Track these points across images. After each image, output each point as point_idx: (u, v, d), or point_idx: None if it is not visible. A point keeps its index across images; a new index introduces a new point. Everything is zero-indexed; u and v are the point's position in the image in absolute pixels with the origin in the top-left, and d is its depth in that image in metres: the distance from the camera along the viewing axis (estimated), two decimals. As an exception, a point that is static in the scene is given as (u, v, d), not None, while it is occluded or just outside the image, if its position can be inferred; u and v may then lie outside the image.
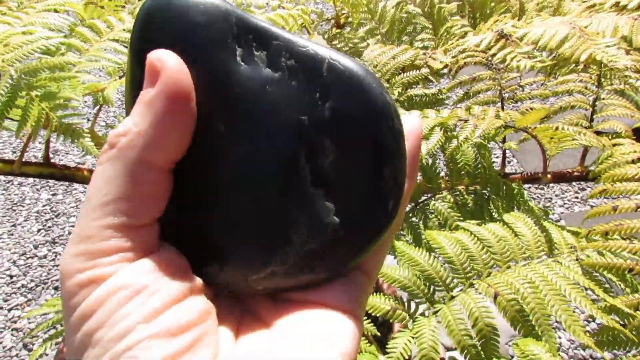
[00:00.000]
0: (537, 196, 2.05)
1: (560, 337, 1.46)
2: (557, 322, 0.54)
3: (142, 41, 0.23)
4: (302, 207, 0.23)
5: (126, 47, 0.70)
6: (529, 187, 2.06)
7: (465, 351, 0.52)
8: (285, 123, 0.23)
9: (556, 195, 2.11)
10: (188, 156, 0.22)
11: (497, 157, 2.08)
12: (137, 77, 0.23)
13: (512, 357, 1.37)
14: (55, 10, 0.72)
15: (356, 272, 0.26)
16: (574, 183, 2.13)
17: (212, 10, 0.23)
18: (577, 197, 2.11)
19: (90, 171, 0.64)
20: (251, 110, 0.23)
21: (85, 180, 0.63)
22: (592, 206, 2.07)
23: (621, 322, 0.52)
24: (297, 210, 0.23)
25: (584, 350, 1.57)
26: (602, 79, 0.81)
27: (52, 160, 0.63)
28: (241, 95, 0.23)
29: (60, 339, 0.79)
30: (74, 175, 0.62)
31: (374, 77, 0.24)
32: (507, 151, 0.84)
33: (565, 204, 2.08)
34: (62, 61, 0.55)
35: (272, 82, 0.23)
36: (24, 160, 0.63)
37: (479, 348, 0.53)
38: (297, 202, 0.23)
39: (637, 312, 0.52)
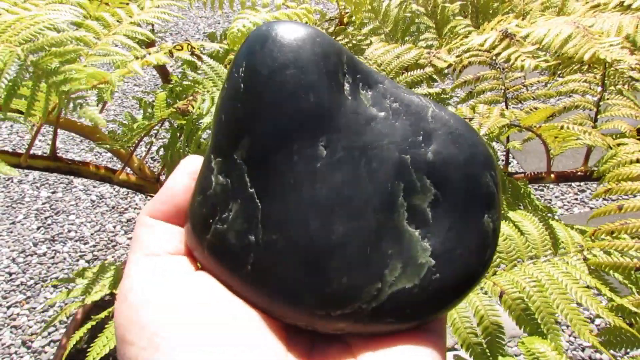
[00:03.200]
0: (537, 197, 2.05)
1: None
2: (556, 322, 0.53)
3: (254, 61, 0.23)
4: (397, 245, 0.22)
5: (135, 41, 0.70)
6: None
7: (471, 349, 0.52)
8: (387, 159, 0.23)
9: (556, 197, 2.11)
10: (276, 174, 0.22)
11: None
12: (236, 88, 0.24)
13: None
14: (61, 3, 0.72)
15: None
16: (573, 185, 2.13)
17: (327, 46, 0.23)
18: (576, 199, 2.10)
19: (97, 167, 0.64)
20: (354, 141, 0.23)
21: (90, 175, 0.63)
22: (592, 208, 2.07)
23: (628, 322, 0.52)
24: (392, 247, 0.22)
25: (582, 351, 1.57)
26: (606, 80, 0.80)
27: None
28: (346, 126, 0.23)
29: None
30: (80, 170, 0.62)
31: (473, 129, 0.24)
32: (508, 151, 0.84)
33: (565, 205, 2.08)
34: (66, 36, 0.53)
35: (376, 119, 0.24)
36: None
37: (485, 346, 0.53)
38: (392, 239, 0.22)
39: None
